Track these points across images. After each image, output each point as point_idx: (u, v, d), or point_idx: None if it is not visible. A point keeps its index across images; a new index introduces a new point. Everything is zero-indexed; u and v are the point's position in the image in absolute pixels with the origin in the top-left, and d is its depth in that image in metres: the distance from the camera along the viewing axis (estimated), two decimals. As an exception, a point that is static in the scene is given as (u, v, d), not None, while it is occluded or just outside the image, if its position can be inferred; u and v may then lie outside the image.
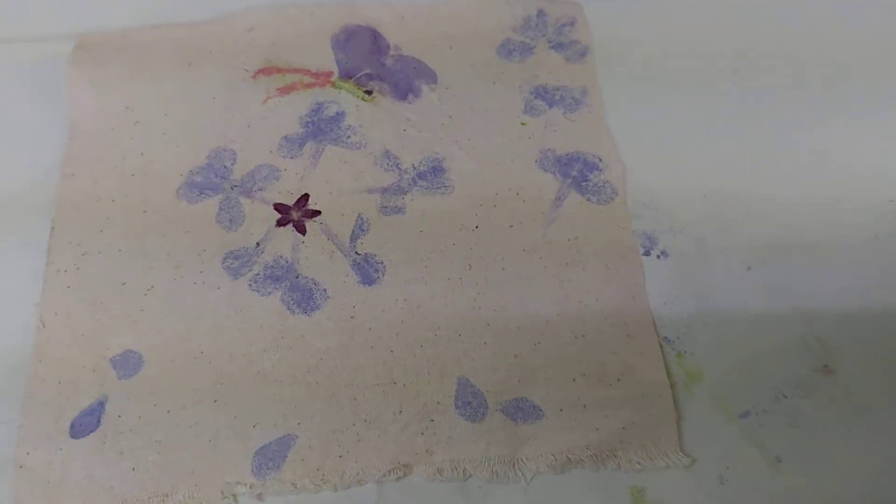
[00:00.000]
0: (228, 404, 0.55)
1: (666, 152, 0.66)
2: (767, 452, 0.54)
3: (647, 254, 0.61)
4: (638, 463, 0.53)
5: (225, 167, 0.64)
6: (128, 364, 0.56)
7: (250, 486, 0.52)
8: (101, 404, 0.55)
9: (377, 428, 0.54)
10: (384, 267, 0.60)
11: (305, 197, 0.63)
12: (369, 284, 0.59)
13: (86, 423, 0.54)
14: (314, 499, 0.52)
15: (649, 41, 0.71)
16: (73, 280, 0.59)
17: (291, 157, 0.65)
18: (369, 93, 0.68)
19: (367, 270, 0.60)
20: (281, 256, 0.60)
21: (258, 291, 0.59)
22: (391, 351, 0.56)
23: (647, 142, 0.66)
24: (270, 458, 0.53)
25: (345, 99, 0.68)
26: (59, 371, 0.56)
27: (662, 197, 0.64)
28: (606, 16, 0.72)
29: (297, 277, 0.59)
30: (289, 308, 0.58)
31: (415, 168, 0.64)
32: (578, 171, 0.64)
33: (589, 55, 0.70)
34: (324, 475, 0.52)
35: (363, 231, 0.61)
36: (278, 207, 0.62)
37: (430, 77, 0.69)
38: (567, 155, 0.65)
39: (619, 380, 0.55)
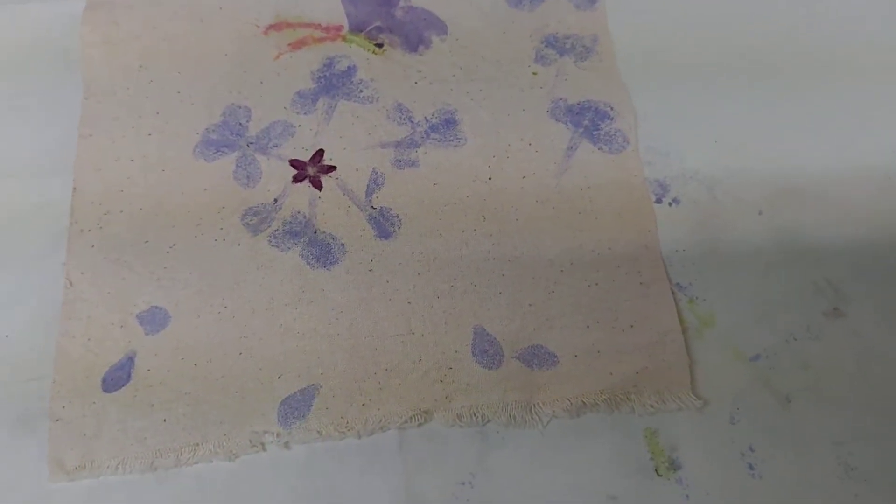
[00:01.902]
0: (253, 357, 0.56)
1: (677, 99, 0.66)
2: (778, 393, 0.55)
3: (658, 201, 0.62)
4: (651, 406, 0.55)
5: (240, 124, 0.65)
6: (154, 320, 0.58)
7: (277, 435, 0.54)
8: (130, 359, 0.57)
9: (398, 377, 0.55)
10: (400, 220, 0.61)
11: (320, 153, 0.64)
12: (385, 238, 0.60)
13: (117, 378, 0.56)
14: (339, 445, 0.54)
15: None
16: (97, 239, 0.61)
17: (305, 113, 0.65)
18: (380, 46, 0.68)
19: (383, 224, 0.61)
20: (298, 212, 0.61)
21: (277, 247, 0.60)
22: (409, 303, 0.58)
23: (659, 88, 0.66)
24: (296, 407, 0.54)
25: (356, 53, 0.68)
26: (87, 328, 0.58)
27: (674, 144, 0.64)
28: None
29: (315, 233, 0.60)
30: (308, 263, 0.59)
31: (427, 121, 0.65)
32: (590, 120, 0.64)
33: (599, 2, 0.70)
34: (348, 423, 0.54)
35: (378, 185, 0.62)
36: (294, 164, 0.63)
37: (440, 28, 0.69)
38: (578, 104, 0.65)
39: (632, 326, 0.57)
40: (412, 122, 0.65)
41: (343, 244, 0.60)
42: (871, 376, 0.56)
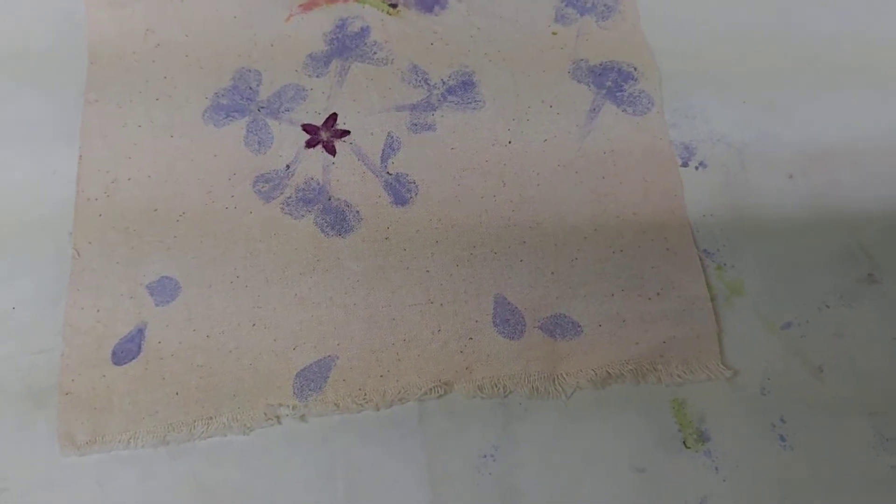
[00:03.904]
0: (267, 327, 0.55)
1: (703, 58, 0.64)
2: (810, 363, 0.53)
3: (685, 165, 0.60)
4: (679, 376, 0.53)
5: (250, 88, 0.63)
6: (164, 290, 0.56)
7: (293, 408, 0.53)
8: (140, 331, 0.55)
9: (417, 347, 0.54)
10: (416, 187, 0.59)
11: (334, 116, 0.62)
12: (402, 205, 0.58)
13: (127, 350, 0.55)
14: (356, 418, 0.53)
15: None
16: (105, 208, 0.59)
17: (317, 76, 0.63)
18: (394, 6, 0.66)
19: (400, 191, 0.59)
20: (312, 178, 0.59)
21: (291, 214, 0.58)
22: (427, 271, 0.56)
23: (684, 48, 0.64)
24: (312, 379, 0.53)
25: (369, 13, 0.66)
26: (96, 299, 0.56)
27: (700, 105, 0.62)
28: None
29: (329, 199, 0.59)
30: (323, 230, 0.58)
31: (444, 83, 0.63)
32: (613, 82, 0.62)
33: (621, -41, 0.68)
34: (366, 395, 0.53)
35: (394, 150, 0.60)
36: (307, 128, 0.61)
37: (457, -13, 0.67)
38: (601, 65, 0.63)
39: (658, 294, 0.55)
40: (428, 84, 0.63)
41: (358, 211, 0.58)
42: (906, 344, 0.54)
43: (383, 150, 0.60)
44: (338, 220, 0.58)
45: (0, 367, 0.55)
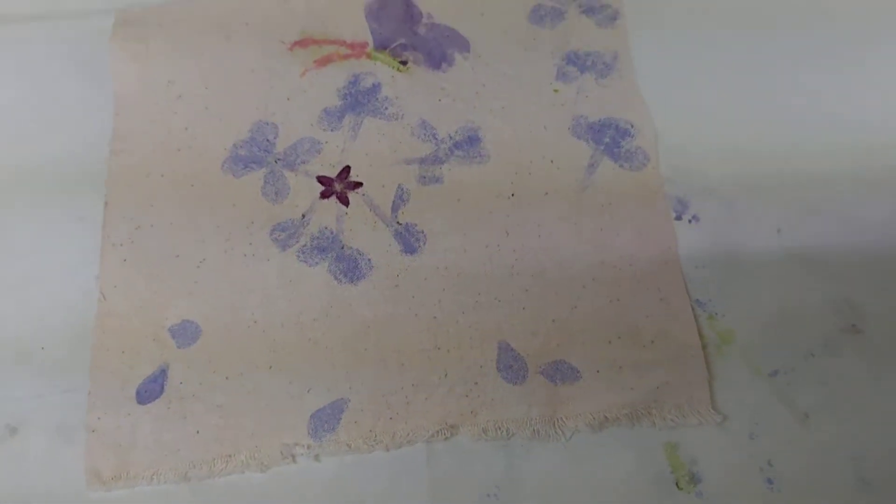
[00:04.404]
0: (283, 370, 0.58)
1: (697, 116, 0.67)
2: (796, 409, 0.56)
3: (678, 218, 0.63)
4: (672, 420, 0.56)
5: (268, 140, 0.66)
6: (186, 333, 0.59)
7: (308, 447, 0.56)
8: (163, 372, 0.58)
9: (424, 391, 0.57)
10: (425, 236, 0.62)
11: (347, 169, 0.65)
12: (411, 253, 0.61)
13: (150, 390, 0.57)
14: (367, 458, 0.56)
15: (680, 2, 0.72)
16: (129, 253, 0.62)
17: (332, 130, 0.67)
18: (404, 63, 0.69)
19: (409, 240, 0.62)
20: (326, 228, 0.63)
21: (306, 262, 0.61)
22: (434, 318, 0.59)
23: (679, 105, 0.67)
24: (325, 420, 0.56)
25: (381, 70, 0.69)
26: (121, 341, 0.59)
27: (694, 161, 0.65)
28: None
29: (342, 248, 0.62)
30: (336, 278, 0.61)
31: (451, 138, 0.66)
32: (611, 138, 0.66)
33: (620, 19, 0.71)
34: (376, 436, 0.56)
35: (404, 201, 0.63)
36: (321, 180, 0.64)
37: (463, 45, 0.70)
38: (599, 121, 0.67)
39: (653, 342, 0.58)
40: (436, 138, 0.66)
41: (370, 259, 0.61)
42: (887, 392, 0.57)
43: (394, 202, 0.63)
44: (350, 267, 0.61)
45: (30, 405, 0.58)
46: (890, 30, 0.70)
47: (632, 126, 0.66)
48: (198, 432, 0.56)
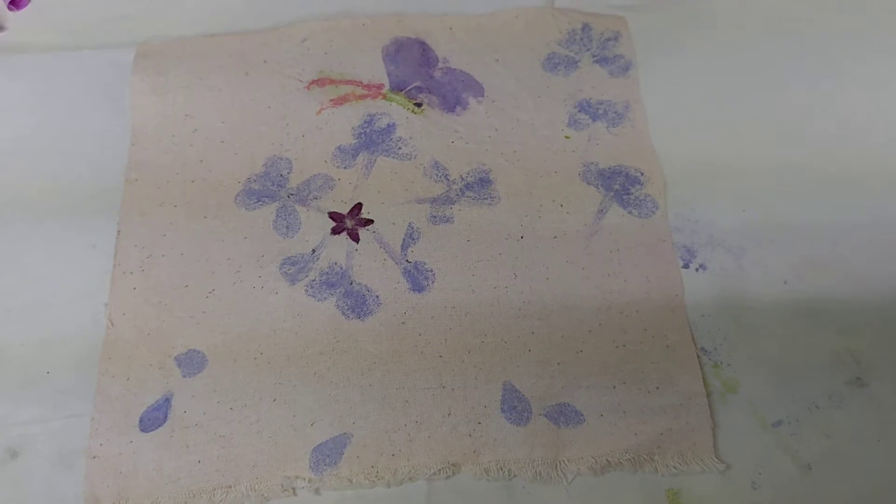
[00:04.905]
0: (287, 403, 0.58)
1: (707, 166, 0.68)
2: (799, 460, 0.56)
3: (686, 266, 0.63)
4: (674, 467, 0.56)
5: (281, 175, 0.67)
6: (192, 363, 0.60)
7: (308, 481, 0.55)
8: (167, 400, 0.58)
9: (427, 429, 0.57)
10: (433, 275, 0.63)
11: (359, 206, 0.66)
12: (419, 292, 0.62)
13: (153, 418, 0.58)
14: (368, 494, 0.56)
15: (693, 54, 0.73)
16: (139, 282, 0.63)
17: (345, 167, 0.68)
18: (419, 105, 0.71)
19: (418, 278, 0.62)
20: (336, 263, 0.63)
21: (314, 297, 0.62)
22: (440, 356, 0.59)
23: (688, 155, 0.68)
24: (327, 454, 0.56)
25: (395, 111, 0.70)
26: (127, 368, 0.59)
27: (702, 210, 0.66)
28: (650, 30, 0.74)
29: (351, 284, 0.62)
30: (343, 313, 0.61)
31: (462, 179, 0.67)
32: (620, 185, 0.67)
33: (633, 69, 0.73)
34: (378, 472, 0.56)
35: (414, 240, 0.64)
36: (333, 216, 0.65)
37: (478, 90, 0.72)
38: (610, 168, 0.67)
39: (657, 388, 0.58)
40: (448, 179, 0.67)
41: (378, 296, 0.62)
42: (891, 446, 0.56)
43: (404, 240, 0.64)
44: (358, 303, 0.61)
45: (33, 429, 0.58)
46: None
47: (641, 174, 0.67)
48: (199, 462, 0.56)
